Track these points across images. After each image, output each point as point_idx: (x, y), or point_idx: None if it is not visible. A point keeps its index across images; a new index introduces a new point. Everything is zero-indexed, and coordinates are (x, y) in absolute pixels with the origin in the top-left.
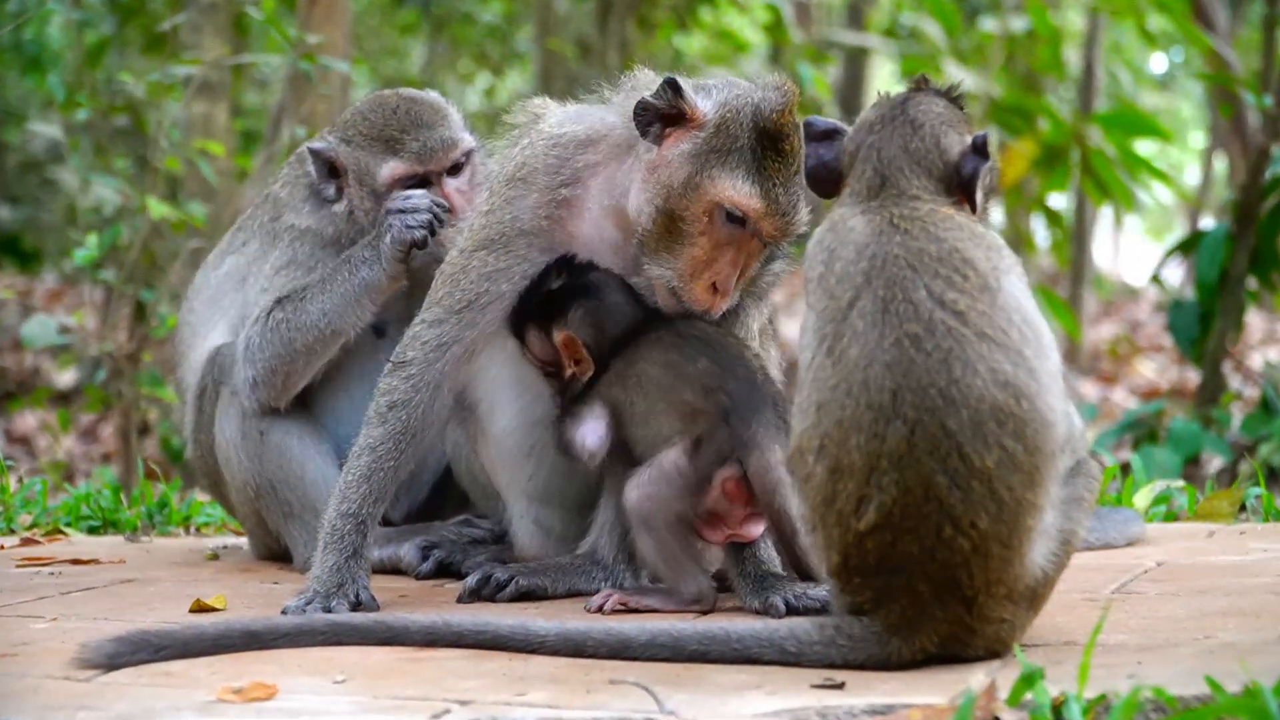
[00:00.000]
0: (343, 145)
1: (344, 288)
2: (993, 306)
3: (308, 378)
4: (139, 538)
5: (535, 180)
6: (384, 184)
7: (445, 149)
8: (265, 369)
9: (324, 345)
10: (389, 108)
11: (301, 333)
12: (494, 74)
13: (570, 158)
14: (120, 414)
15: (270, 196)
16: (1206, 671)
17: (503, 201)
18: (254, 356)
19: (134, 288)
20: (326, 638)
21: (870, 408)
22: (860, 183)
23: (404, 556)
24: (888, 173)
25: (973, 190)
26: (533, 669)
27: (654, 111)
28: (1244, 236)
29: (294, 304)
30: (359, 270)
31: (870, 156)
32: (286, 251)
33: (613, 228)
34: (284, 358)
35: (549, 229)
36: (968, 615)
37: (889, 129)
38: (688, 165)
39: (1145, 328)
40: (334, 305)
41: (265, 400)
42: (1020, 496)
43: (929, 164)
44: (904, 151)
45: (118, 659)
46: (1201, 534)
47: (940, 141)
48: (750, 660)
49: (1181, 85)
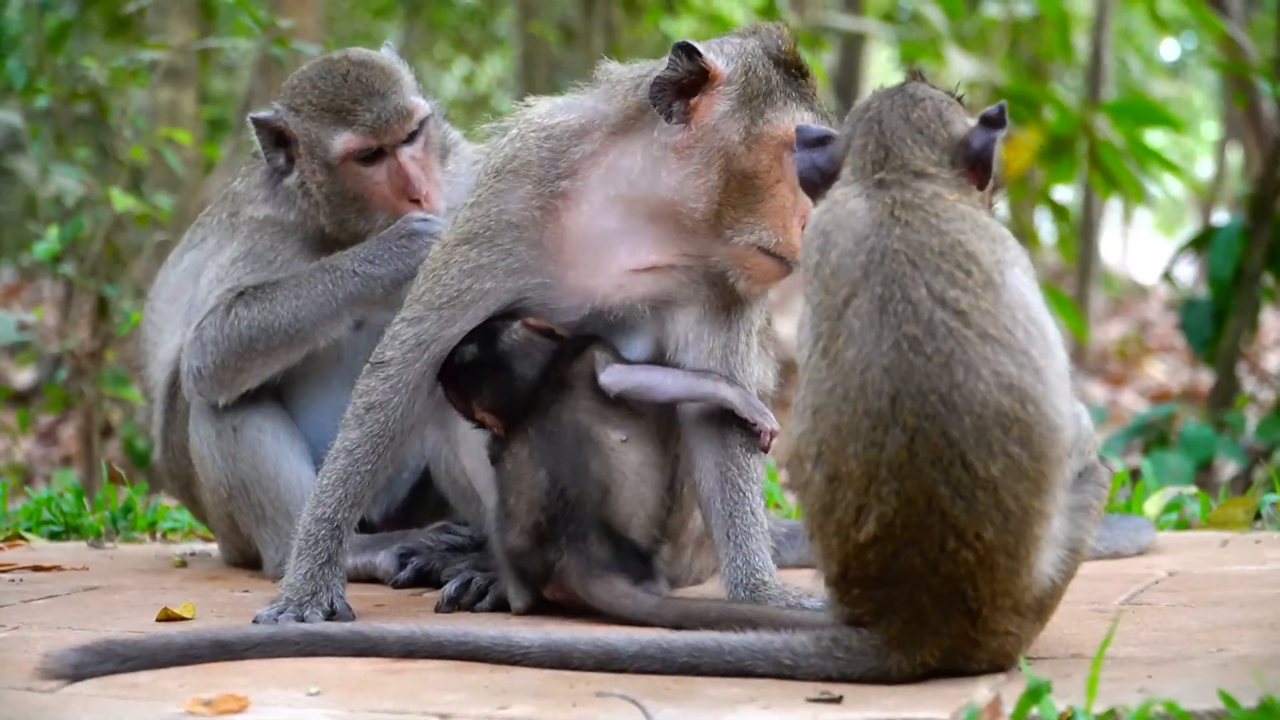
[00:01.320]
0: (291, 114)
1: (324, 298)
2: (996, 304)
3: (260, 380)
4: (103, 544)
5: (529, 172)
6: (337, 157)
7: (400, 119)
8: (215, 362)
9: (288, 350)
10: (339, 74)
11: (265, 334)
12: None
13: (566, 149)
14: (82, 415)
15: (229, 193)
16: (1220, 685)
17: (490, 194)
18: (205, 348)
19: (96, 282)
20: (300, 648)
21: (868, 414)
22: (862, 158)
23: (381, 564)
24: (890, 143)
25: (987, 163)
26: (515, 681)
27: (673, 87)
28: (1259, 231)
29: (260, 302)
30: (346, 283)
31: (870, 130)
32: (245, 243)
33: (617, 217)
34: (240, 355)
35: (540, 221)
36: (972, 629)
37: (887, 104)
38: (737, 120)
39: (1155, 327)
40: (309, 313)
41: (207, 394)
42: (1027, 505)
43: (932, 134)
44: (905, 121)
45: (83, 669)
46: (1215, 543)
47: (943, 114)
48: (743, 673)
49: (1194, 73)
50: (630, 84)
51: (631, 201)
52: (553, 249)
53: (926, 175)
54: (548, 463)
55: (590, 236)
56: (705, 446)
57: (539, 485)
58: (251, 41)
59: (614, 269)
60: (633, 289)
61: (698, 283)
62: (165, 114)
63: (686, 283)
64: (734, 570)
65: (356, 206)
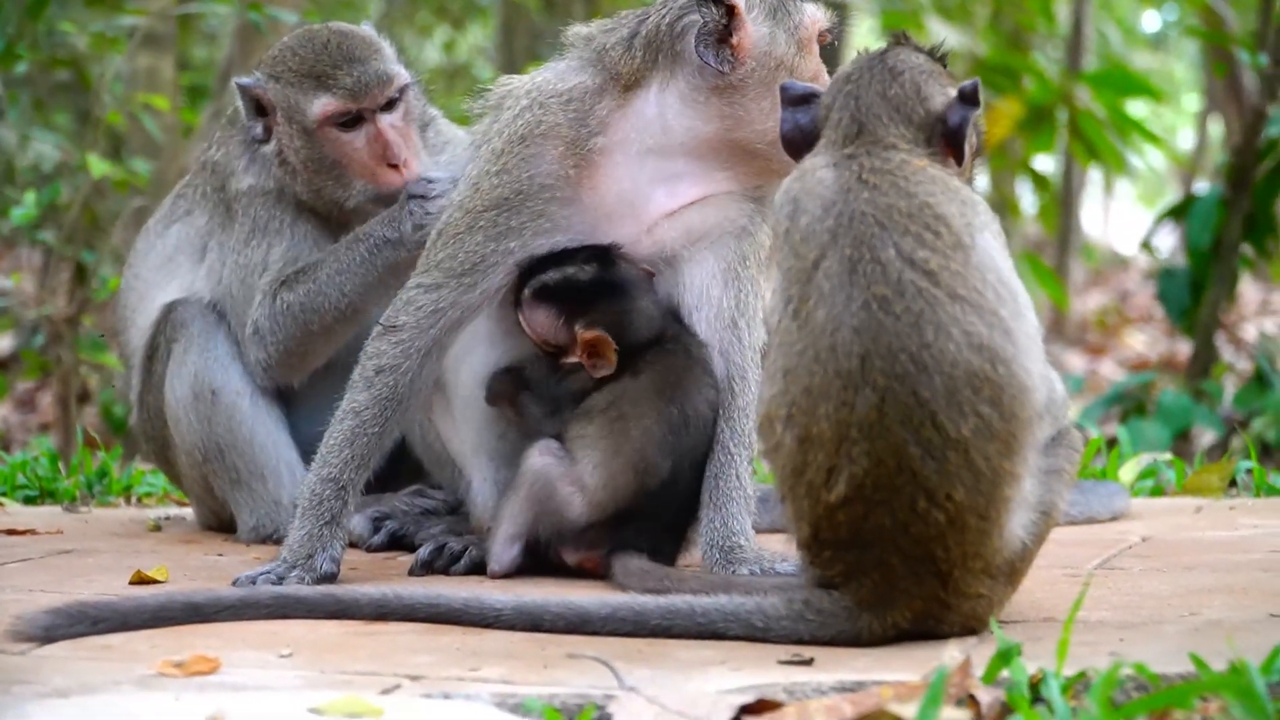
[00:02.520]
0: (271, 82)
1: (365, 267)
2: (966, 265)
3: (325, 357)
4: (77, 508)
5: (558, 134)
6: (315, 121)
7: (380, 84)
8: (280, 352)
9: (344, 325)
10: (319, 42)
11: (319, 315)
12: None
13: (591, 108)
14: (59, 381)
15: (207, 163)
16: (1191, 649)
17: (519, 160)
18: (265, 340)
19: (74, 249)
20: (272, 610)
21: (838, 375)
22: (836, 131)
23: (354, 528)
24: (864, 119)
25: (960, 141)
26: (487, 644)
27: (713, 37)
28: (1238, 202)
29: (305, 285)
30: (381, 251)
31: (847, 104)
32: (245, 220)
33: (652, 165)
34: (300, 339)
35: (576, 179)
36: (943, 590)
37: (866, 76)
38: (778, 36)
39: (1135, 297)
40: (355, 286)
41: (280, 380)
42: (998, 466)
43: (908, 111)
44: (881, 98)
45: (54, 631)
46: (1189, 509)
47: (921, 89)
48: (715, 635)
49: (1174, 44)
50: (620, 44)
51: (667, 148)
52: (589, 205)
53: (898, 148)
54: (676, 454)
55: (627, 188)
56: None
57: (657, 472)
58: (230, 7)
59: (650, 214)
60: (665, 233)
61: (739, 203)
62: (144, 80)
63: (724, 209)
64: (711, 531)
65: (334, 174)
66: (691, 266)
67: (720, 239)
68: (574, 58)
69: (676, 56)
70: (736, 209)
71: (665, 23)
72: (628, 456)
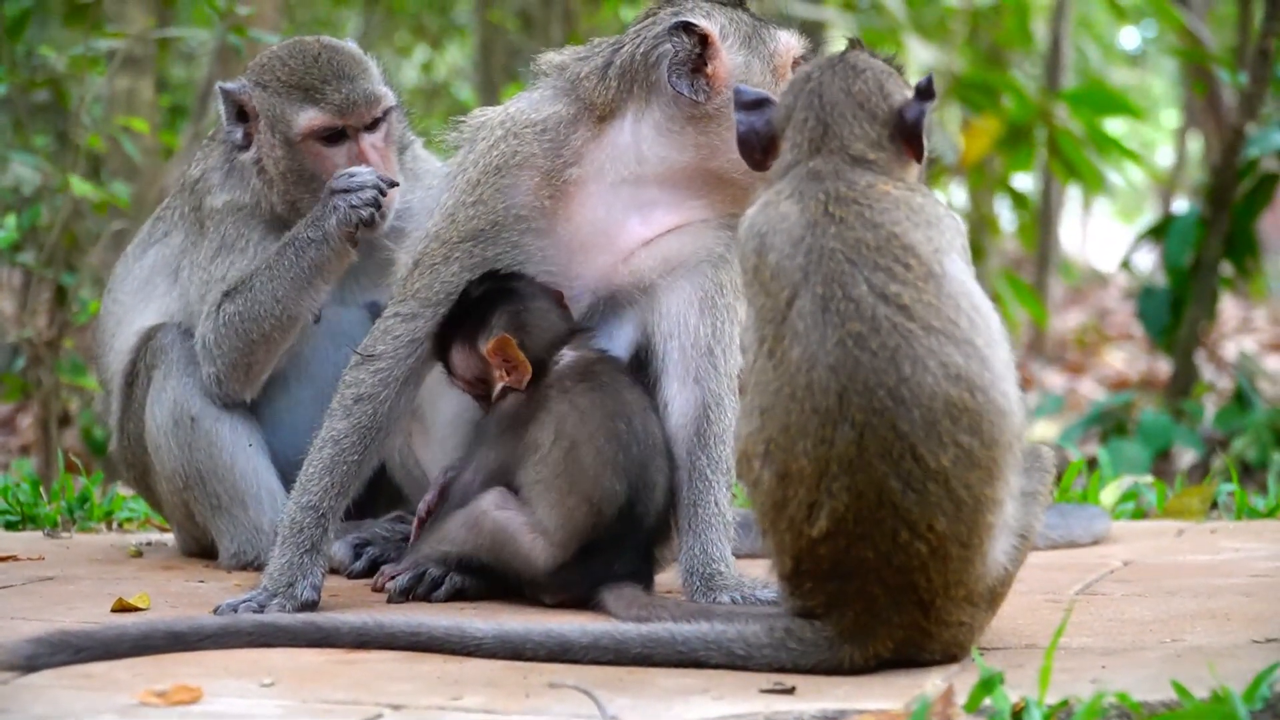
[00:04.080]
0: (257, 89)
1: (293, 272)
2: (939, 295)
3: (270, 366)
4: (59, 533)
5: (533, 164)
6: (299, 134)
7: (367, 103)
8: (226, 364)
9: (281, 332)
10: (310, 54)
11: (256, 323)
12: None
13: (566, 138)
14: (39, 403)
15: (186, 182)
16: (1173, 676)
17: (494, 191)
18: (212, 354)
19: (54, 271)
20: (253, 639)
21: (816, 411)
22: (800, 134)
23: (336, 555)
24: (830, 120)
25: (918, 135)
26: (468, 671)
27: (686, 63)
28: (1218, 220)
29: (243, 295)
30: (306, 252)
31: (811, 103)
32: (215, 237)
33: (627, 194)
34: (242, 350)
35: (551, 210)
36: (924, 619)
37: (829, 75)
38: (753, 64)
39: (1114, 315)
40: (285, 291)
41: (233, 395)
42: (979, 494)
43: (873, 108)
44: (846, 94)
45: (36, 660)
46: (1171, 532)
47: (884, 86)
48: (696, 664)
49: (1153, 61)
50: (594, 74)
51: (642, 177)
52: (564, 236)
53: (864, 162)
54: (629, 474)
55: (602, 218)
56: (680, 433)
57: (612, 499)
58: (210, 30)
59: (626, 244)
60: (642, 262)
61: (714, 231)
62: (123, 102)
63: (699, 236)
64: (691, 558)
65: (312, 187)
66: (668, 294)
67: (697, 267)
68: (548, 87)
69: (652, 86)
70: (713, 237)
71: (640, 52)
72: (582, 490)
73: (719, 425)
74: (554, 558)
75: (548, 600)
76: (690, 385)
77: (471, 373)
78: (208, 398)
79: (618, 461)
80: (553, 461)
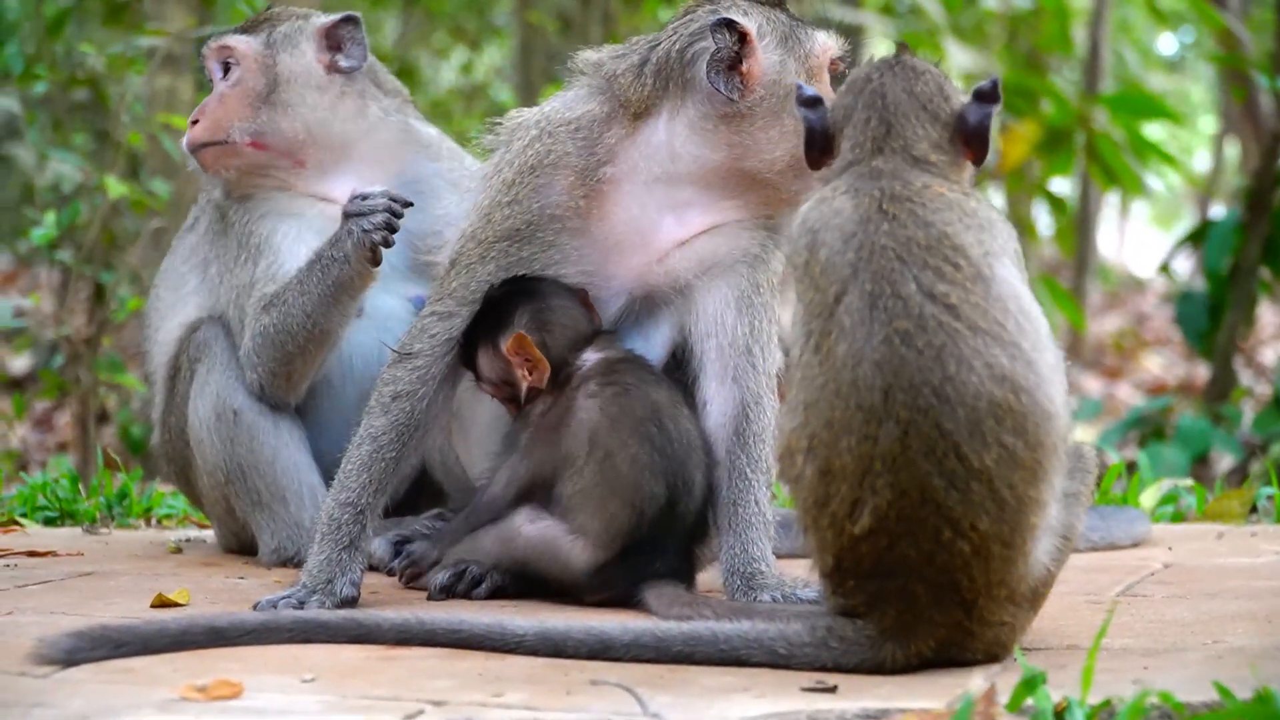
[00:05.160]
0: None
1: (320, 289)
2: (986, 297)
3: (311, 374)
4: (98, 529)
5: (567, 163)
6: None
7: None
8: (267, 373)
9: (316, 345)
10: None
11: (291, 336)
12: (470, 49)
13: (600, 136)
14: (78, 401)
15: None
16: (1215, 677)
17: (529, 191)
18: (254, 363)
19: (93, 269)
20: (294, 635)
21: (861, 408)
22: (863, 134)
23: (375, 552)
24: (893, 120)
25: (982, 138)
26: (509, 669)
27: (725, 63)
28: (1256, 225)
29: (278, 308)
30: (330, 270)
31: (874, 103)
32: (233, 236)
33: (661, 193)
34: (281, 360)
35: (586, 210)
36: (967, 619)
37: (889, 75)
38: (789, 64)
39: (1152, 320)
40: (315, 307)
41: (277, 399)
42: (1023, 494)
43: (935, 108)
44: (909, 94)
45: (76, 654)
46: (1210, 535)
47: (943, 88)
48: (738, 662)
49: (1192, 67)
50: (630, 71)
51: (675, 176)
52: (599, 236)
53: (924, 163)
54: (667, 474)
55: (636, 217)
56: (719, 433)
57: (654, 501)
58: None
59: (660, 244)
60: (677, 263)
61: (749, 231)
62: (163, 100)
63: (734, 237)
64: (731, 557)
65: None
66: (704, 295)
67: (732, 267)
68: (583, 85)
69: (687, 84)
70: (748, 237)
71: (676, 49)
72: (623, 495)
73: (758, 424)
74: (595, 558)
75: (588, 600)
76: (729, 384)
77: (496, 375)
78: (250, 393)
79: (655, 464)
80: (589, 473)
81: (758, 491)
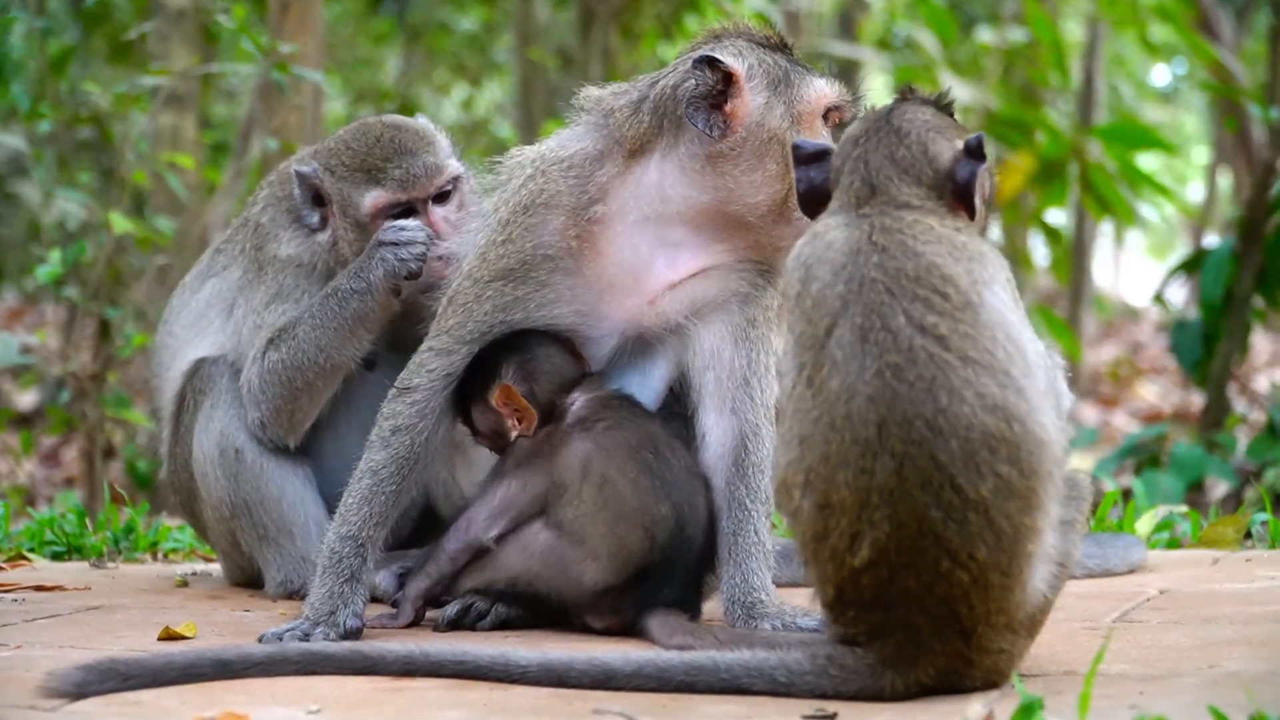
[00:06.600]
0: (327, 175)
1: (335, 321)
2: (975, 326)
3: (314, 413)
4: (105, 564)
5: (559, 202)
6: (367, 214)
7: (429, 175)
8: (270, 410)
9: (324, 380)
10: (372, 136)
11: (300, 371)
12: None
13: (591, 175)
14: (84, 436)
15: (250, 221)
16: (1211, 702)
17: (522, 230)
18: (257, 399)
19: (98, 306)
20: (300, 667)
21: (856, 442)
22: (848, 194)
23: (380, 584)
24: (876, 181)
25: (970, 196)
26: (513, 700)
27: (706, 101)
28: (1249, 254)
29: (287, 343)
30: (349, 302)
31: (857, 169)
32: (273, 284)
33: (652, 234)
34: (286, 397)
35: (578, 250)
36: (966, 647)
37: (874, 139)
38: (775, 107)
39: (1147, 349)
40: (328, 339)
41: (277, 440)
42: (1019, 523)
43: (917, 172)
44: (890, 161)
45: (85, 688)
46: (1206, 561)
47: (928, 149)
48: (739, 690)
49: (1185, 98)
50: (628, 108)
51: (665, 216)
52: (592, 275)
53: (911, 206)
54: (672, 499)
55: (629, 257)
56: (718, 464)
57: (664, 522)
58: (252, 67)
59: (652, 285)
60: (669, 304)
61: (740, 273)
62: (167, 138)
63: (725, 279)
64: (732, 587)
65: None
66: (700, 331)
67: (724, 304)
68: (582, 123)
69: (679, 121)
70: (738, 277)
71: (670, 85)
72: (631, 518)
73: (757, 455)
74: (605, 581)
75: (594, 624)
76: (727, 416)
77: (489, 427)
78: (251, 434)
79: (656, 488)
80: (588, 498)
81: (757, 521)
